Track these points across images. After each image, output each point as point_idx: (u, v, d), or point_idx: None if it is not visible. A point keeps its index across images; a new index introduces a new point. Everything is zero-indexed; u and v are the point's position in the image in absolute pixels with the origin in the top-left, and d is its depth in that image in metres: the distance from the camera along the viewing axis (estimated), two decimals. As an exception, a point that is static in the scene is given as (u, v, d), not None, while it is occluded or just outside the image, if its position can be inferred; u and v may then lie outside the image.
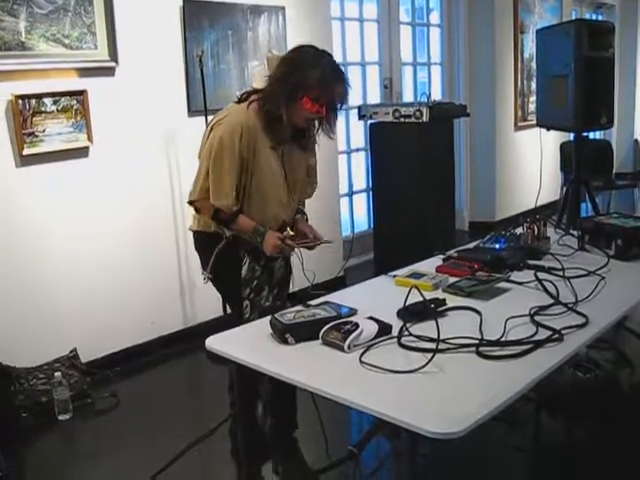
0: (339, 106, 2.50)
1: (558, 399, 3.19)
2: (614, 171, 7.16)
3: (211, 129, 2.48)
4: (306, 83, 2.37)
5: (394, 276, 2.42)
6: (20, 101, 3.34)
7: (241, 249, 2.56)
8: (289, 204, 2.62)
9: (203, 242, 2.64)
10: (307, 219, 2.74)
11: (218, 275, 2.60)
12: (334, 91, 2.42)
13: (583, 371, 3.34)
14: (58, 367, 3.43)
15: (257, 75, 4.43)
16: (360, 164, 6.08)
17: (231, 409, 2.75)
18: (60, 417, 3.29)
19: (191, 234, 2.70)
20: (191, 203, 2.54)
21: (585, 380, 3.31)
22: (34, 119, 3.41)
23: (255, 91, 2.53)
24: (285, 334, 1.89)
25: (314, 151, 2.72)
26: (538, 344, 1.78)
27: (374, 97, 6.03)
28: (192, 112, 4.13)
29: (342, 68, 2.52)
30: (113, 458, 2.97)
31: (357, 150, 6.00)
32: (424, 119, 4.66)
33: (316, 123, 2.56)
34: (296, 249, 2.58)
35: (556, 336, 1.83)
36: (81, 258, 3.70)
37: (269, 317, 2.00)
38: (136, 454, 2.99)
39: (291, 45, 4.57)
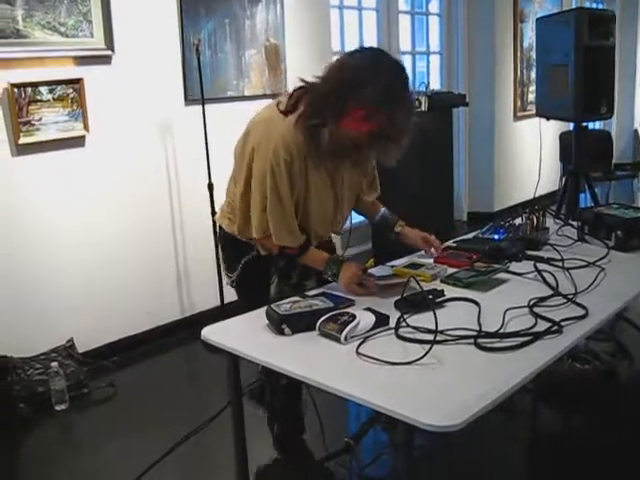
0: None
1: (556, 390, 3.18)
2: (614, 161, 7.15)
3: (256, 141, 2.12)
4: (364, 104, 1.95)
5: (392, 266, 2.40)
6: (16, 89, 3.32)
7: (271, 266, 2.33)
8: (335, 221, 2.37)
9: (232, 246, 2.38)
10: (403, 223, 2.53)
11: (243, 287, 2.41)
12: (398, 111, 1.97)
13: (582, 362, 3.34)
14: (55, 357, 3.43)
15: (254, 64, 4.42)
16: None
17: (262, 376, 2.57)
18: (57, 407, 3.28)
19: (208, 225, 2.47)
20: (256, 240, 2.24)
21: (583, 371, 3.31)
22: (30, 108, 3.39)
23: (304, 90, 2.11)
24: (282, 325, 1.88)
25: (372, 164, 2.46)
26: (537, 336, 1.77)
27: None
28: (189, 101, 4.11)
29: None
30: (110, 448, 2.96)
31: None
32: (423, 108, 4.65)
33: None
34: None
35: (555, 328, 1.81)
36: (78, 247, 3.68)
37: (265, 307, 1.98)
38: (133, 444, 2.98)
39: (289, 34, 4.62)
